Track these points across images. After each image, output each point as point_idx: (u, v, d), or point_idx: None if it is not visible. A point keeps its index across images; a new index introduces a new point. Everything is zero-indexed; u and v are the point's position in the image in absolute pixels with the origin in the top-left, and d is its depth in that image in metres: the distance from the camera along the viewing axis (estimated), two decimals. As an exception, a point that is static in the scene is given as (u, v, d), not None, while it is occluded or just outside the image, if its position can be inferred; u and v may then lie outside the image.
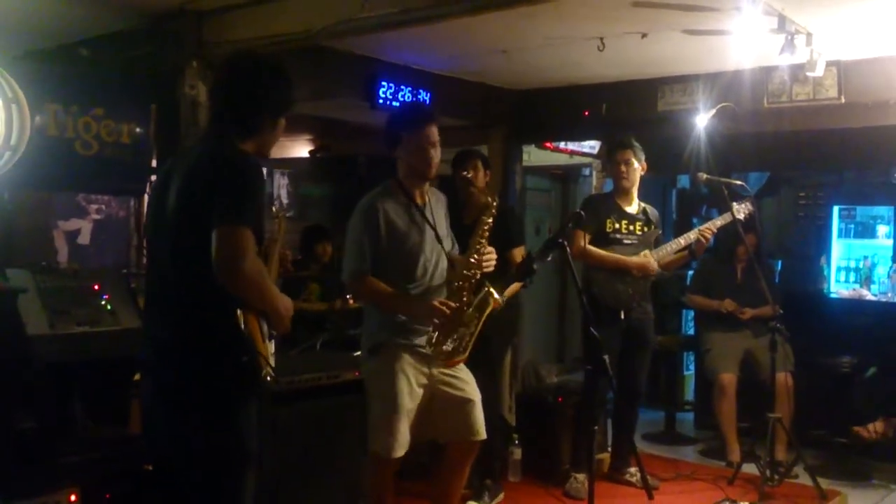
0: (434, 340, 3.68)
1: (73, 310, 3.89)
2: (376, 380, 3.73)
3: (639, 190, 5.39)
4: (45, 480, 3.46)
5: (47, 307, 3.79)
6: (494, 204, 3.82)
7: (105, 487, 3.64)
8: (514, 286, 4.41)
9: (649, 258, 5.21)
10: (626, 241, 5.26)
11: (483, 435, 3.84)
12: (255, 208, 2.73)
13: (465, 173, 4.37)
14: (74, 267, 4.42)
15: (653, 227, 5.35)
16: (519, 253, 4.64)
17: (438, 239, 3.81)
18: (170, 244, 2.81)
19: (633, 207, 5.34)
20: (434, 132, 3.75)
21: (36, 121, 4.14)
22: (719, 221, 5.32)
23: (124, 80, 4.80)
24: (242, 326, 2.78)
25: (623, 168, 5.25)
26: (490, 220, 3.80)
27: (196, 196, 2.73)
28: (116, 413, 3.99)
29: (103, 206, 6.53)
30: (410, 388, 3.67)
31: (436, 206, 3.88)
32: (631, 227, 5.29)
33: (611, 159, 5.40)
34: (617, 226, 5.26)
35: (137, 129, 4.64)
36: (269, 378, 2.87)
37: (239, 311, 2.76)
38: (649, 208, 5.42)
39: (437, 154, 3.76)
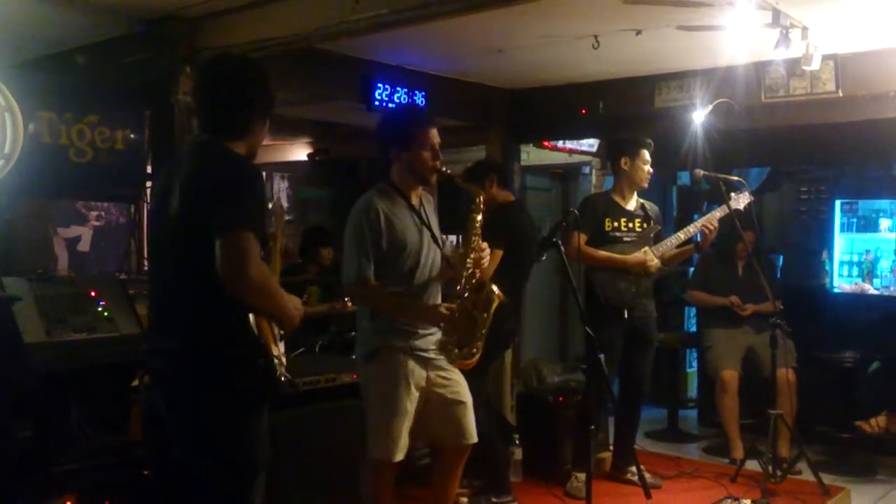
0: (447, 344, 3.65)
1: (70, 317, 3.88)
2: (376, 385, 3.69)
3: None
4: (43, 489, 3.46)
5: (44, 315, 3.78)
6: (479, 200, 3.78)
7: (104, 495, 3.64)
8: None
9: (648, 254, 5.18)
10: (626, 239, 5.23)
11: (474, 438, 3.81)
12: (255, 210, 2.74)
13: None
14: (71, 274, 4.43)
15: (652, 223, 5.32)
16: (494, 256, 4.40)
17: (434, 239, 3.79)
18: (175, 253, 2.80)
19: (631, 204, 5.31)
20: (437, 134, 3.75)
21: (30, 129, 4.18)
22: (719, 213, 5.27)
23: (118, 87, 4.82)
24: (256, 330, 2.78)
25: (649, 168, 5.22)
26: (479, 217, 3.75)
27: (197, 204, 2.73)
28: (115, 420, 3.98)
29: (103, 213, 6.54)
30: (410, 392, 3.64)
31: (427, 206, 3.87)
32: (630, 225, 5.26)
33: (637, 156, 5.23)
34: (616, 224, 5.23)
35: (132, 136, 4.67)
36: (283, 379, 2.88)
37: (251, 315, 2.77)
38: (648, 204, 5.38)
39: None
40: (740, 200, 5.29)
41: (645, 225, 5.29)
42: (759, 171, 8.11)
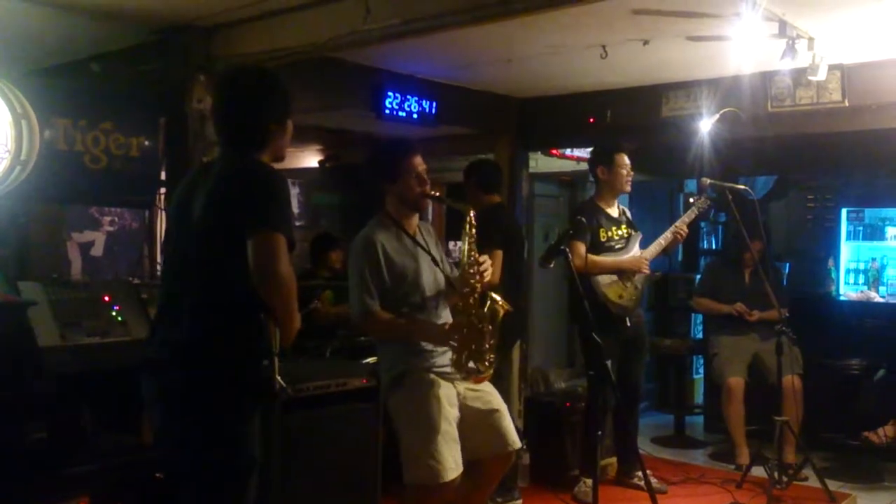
0: (459, 362, 3.66)
1: (84, 321, 3.93)
2: (406, 409, 3.70)
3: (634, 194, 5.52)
4: (56, 490, 3.50)
5: (58, 319, 3.84)
6: (470, 217, 3.80)
7: (116, 496, 3.68)
8: None
9: (639, 253, 5.33)
10: (616, 247, 5.36)
11: (518, 443, 3.83)
12: (285, 216, 2.83)
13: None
14: (85, 279, 4.48)
15: (634, 229, 5.45)
16: (496, 257, 4.60)
17: (435, 262, 3.86)
18: (196, 253, 2.87)
19: (615, 211, 5.45)
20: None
21: (45, 135, 4.21)
22: (686, 219, 5.46)
23: (133, 95, 4.86)
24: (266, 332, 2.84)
25: (626, 172, 5.31)
26: (472, 231, 3.78)
27: (224, 207, 2.81)
28: (127, 422, 4.02)
29: (116, 218, 6.59)
30: (444, 410, 3.64)
31: (426, 235, 3.95)
32: (620, 232, 5.40)
33: (612, 163, 5.38)
34: (609, 234, 5.35)
35: (146, 143, 4.70)
36: (278, 386, 2.92)
37: (262, 317, 2.83)
38: (625, 209, 5.56)
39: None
40: (699, 205, 5.46)
41: (630, 231, 5.42)
42: (766, 179, 8.15)
